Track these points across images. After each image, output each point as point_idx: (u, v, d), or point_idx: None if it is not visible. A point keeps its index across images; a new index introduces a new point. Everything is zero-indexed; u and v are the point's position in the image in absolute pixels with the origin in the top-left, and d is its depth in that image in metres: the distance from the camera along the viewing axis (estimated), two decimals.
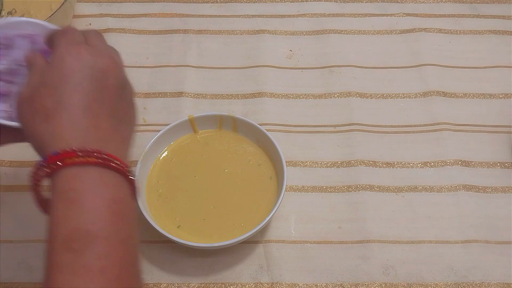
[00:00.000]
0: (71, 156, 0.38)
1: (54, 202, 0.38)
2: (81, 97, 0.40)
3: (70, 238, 0.37)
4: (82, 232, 0.37)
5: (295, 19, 0.86)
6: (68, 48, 0.41)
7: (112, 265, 0.37)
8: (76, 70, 0.40)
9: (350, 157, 0.71)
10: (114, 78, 0.42)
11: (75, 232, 0.37)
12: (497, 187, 0.69)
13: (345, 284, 0.62)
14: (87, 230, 0.37)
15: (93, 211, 0.38)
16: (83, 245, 0.36)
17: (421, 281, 0.62)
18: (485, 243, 0.65)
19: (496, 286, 0.62)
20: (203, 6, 0.87)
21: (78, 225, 0.37)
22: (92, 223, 0.37)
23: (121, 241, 0.38)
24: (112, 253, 0.37)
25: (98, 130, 0.40)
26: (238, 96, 0.77)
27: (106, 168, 0.39)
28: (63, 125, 0.39)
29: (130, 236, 0.39)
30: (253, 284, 0.62)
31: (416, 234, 0.65)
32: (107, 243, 0.37)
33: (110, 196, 0.39)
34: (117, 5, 0.87)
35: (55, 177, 0.38)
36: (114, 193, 0.39)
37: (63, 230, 0.37)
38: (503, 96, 0.77)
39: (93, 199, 0.38)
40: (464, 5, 0.87)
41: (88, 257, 0.36)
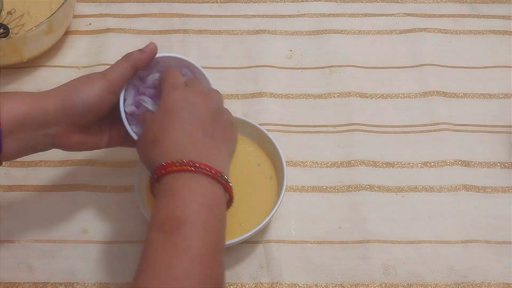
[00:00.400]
0: (171, 166, 0.49)
1: (156, 198, 0.50)
2: (180, 124, 0.51)
3: (164, 222, 0.46)
4: (173, 217, 0.46)
5: (295, 19, 0.85)
6: (169, 90, 0.54)
7: (195, 247, 0.45)
8: (175, 105, 0.52)
9: (350, 157, 0.71)
10: (206, 108, 0.53)
11: (168, 218, 0.46)
12: (497, 187, 0.69)
13: (345, 284, 0.62)
14: (177, 216, 0.46)
15: (183, 202, 0.47)
16: (173, 228, 0.45)
17: (421, 281, 0.62)
18: (485, 243, 0.65)
19: (496, 286, 0.62)
20: (203, 6, 0.87)
21: (171, 212, 0.47)
22: (181, 211, 0.46)
23: (205, 228, 0.46)
24: (196, 237, 0.45)
25: (195, 146, 0.51)
26: (238, 96, 0.77)
27: (198, 174, 0.49)
28: (167, 145, 0.51)
29: (215, 226, 0.48)
30: (253, 284, 0.62)
31: (416, 234, 0.65)
32: (192, 228, 0.46)
33: (199, 192, 0.48)
34: (117, 5, 0.87)
35: (161, 181, 0.50)
36: (203, 191, 0.49)
37: (159, 216, 0.47)
38: (503, 96, 0.77)
39: (185, 193, 0.48)
40: (464, 5, 0.87)
41: (176, 237, 0.45)
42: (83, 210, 0.67)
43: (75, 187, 0.68)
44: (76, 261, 0.63)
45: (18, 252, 0.64)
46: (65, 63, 0.80)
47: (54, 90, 0.55)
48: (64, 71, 0.79)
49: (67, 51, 0.82)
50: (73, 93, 0.54)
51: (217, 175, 0.49)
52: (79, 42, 0.83)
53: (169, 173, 0.49)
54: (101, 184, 0.69)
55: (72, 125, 0.56)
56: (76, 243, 0.64)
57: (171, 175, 0.49)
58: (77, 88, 0.55)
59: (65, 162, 0.70)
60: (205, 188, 0.49)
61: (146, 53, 0.57)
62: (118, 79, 0.56)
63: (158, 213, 0.47)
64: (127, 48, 0.80)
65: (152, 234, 0.46)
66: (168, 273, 0.43)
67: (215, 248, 0.47)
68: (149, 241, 0.46)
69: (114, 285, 0.62)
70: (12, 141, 0.52)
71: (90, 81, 0.55)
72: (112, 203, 0.67)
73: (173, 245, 0.45)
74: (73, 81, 0.56)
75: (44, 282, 0.62)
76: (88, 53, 0.81)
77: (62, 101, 0.54)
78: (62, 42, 0.82)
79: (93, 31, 0.84)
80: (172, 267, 0.43)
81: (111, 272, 0.63)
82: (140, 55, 0.57)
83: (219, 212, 0.50)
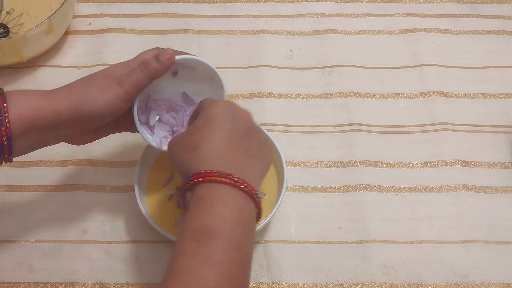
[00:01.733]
0: (210, 175, 0.48)
1: (192, 204, 0.48)
2: (221, 135, 0.51)
3: (198, 232, 0.45)
4: (208, 228, 0.45)
5: (295, 19, 0.85)
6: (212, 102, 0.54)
7: (227, 261, 0.44)
8: (218, 115, 0.52)
9: (350, 157, 0.71)
10: (246, 123, 0.53)
11: (203, 227, 0.46)
12: (497, 187, 0.69)
13: (345, 284, 0.62)
14: (213, 228, 0.45)
15: (220, 214, 0.47)
16: (208, 239, 0.45)
17: (421, 281, 0.62)
18: (485, 243, 0.65)
19: (496, 286, 0.62)
20: (203, 6, 0.87)
21: (207, 223, 0.46)
22: (218, 224, 0.46)
23: (238, 244, 0.46)
24: (229, 252, 0.45)
25: (233, 159, 0.50)
26: (238, 96, 0.77)
27: (235, 188, 0.48)
28: (206, 153, 0.50)
29: (246, 243, 0.47)
30: (253, 284, 0.62)
31: (416, 234, 0.65)
32: (226, 242, 0.45)
33: (236, 207, 0.48)
34: (117, 5, 0.87)
35: (196, 188, 0.49)
36: (240, 206, 0.48)
37: (194, 225, 0.46)
38: (503, 96, 0.77)
39: (222, 205, 0.47)
40: (464, 5, 0.87)
41: (210, 249, 0.44)
42: (83, 210, 0.67)
43: (75, 187, 0.68)
44: (76, 261, 0.63)
45: (18, 252, 0.64)
46: (65, 63, 0.80)
47: (67, 91, 0.54)
48: (64, 71, 0.79)
49: (67, 51, 0.82)
50: (87, 100, 0.53)
51: (252, 192, 0.49)
52: (79, 42, 0.83)
53: (206, 182, 0.48)
54: (101, 184, 0.69)
55: (85, 129, 0.56)
56: (76, 243, 0.64)
57: (208, 184, 0.48)
58: (91, 94, 0.53)
59: (65, 162, 0.70)
60: (240, 203, 0.48)
61: (164, 64, 0.55)
62: (135, 89, 0.55)
63: (193, 221, 0.47)
64: (127, 48, 0.81)
65: (185, 241, 0.46)
66: (198, 283, 0.43)
67: (245, 266, 0.47)
68: (181, 247, 0.45)
69: (114, 285, 0.62)
70: (23, 141, 0.52)
71: (105, 88, 0.54)
72: (112, 203, 0.67)
73: (206, 256, 0.44)
74: (87, 83, 0.55)
75: (44, 282, 0.62)
76: (88, 53, 0.81)
77: (76, 107, 0.53)
78: (62, 42, 0.82)
79: (93, 31, 0.84)
80: (203, 278, 0.43)
81: (111, 272, 0.63)
82: (158, 65, 0.55)
83: (251, 229, 0.49)
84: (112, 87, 0.54)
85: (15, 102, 0.51)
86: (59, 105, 0.52)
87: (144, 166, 0.65)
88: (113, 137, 0.62)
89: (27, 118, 0.51)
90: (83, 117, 0.53)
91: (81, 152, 0.70)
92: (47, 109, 0.52)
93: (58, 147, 0.59)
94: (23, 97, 0.52)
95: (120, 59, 0.59)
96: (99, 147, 0.70)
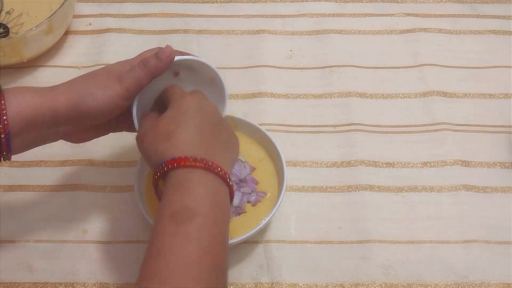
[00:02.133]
0: (185, 161, 0.49)
1: (167, 189, 0.49)
2: (194, 124, 0.52)
3: (177, 213, 0.47)
4: (186, 209, 0.47)
5: (295, 19, 0.85)
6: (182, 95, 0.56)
7: (205, 237, 0.46)
8: (190, 107, 0.54)
9: (350, 157, 0.71)
10: (215, 115, 0.56)
11: (182, 208, 0.47)
12: (497, 187, 0.69)
13: (345, 284, 0.62)
14: (191, 207, 0.47)
15: (198, 195, 0.48)
16: (186, 218, 0.46)
17: (421, 281, 0.62)
18: (485, 243, 0.65)
19: (496, 286, 0.62)
20: (203, 6, 0.87)
21: (185, 204, 0.48)
22: (195, 203, 0.48)
23: (215, 222, 0.48)
24: (207, 228, 0.47)
25: (206, 146, 0.52)
26: (238, 96, 0.77)
27: (210, 172, 0.50)
28: (181, 139, 0.51)
29: (223, 220, 0.49)
30: (253, 284, 0.62)
31: (416, 234, 0.65)
32: (204, 220, 0.47)
33: (211, 189, 0.50)
34: (117, 5, 0.87)
35: (170, 174, 0.50)
36: (215, 189, 0.50)
37: (173, 207, 0.48)
38: (503, 96, 0.77)
39: (198, 188, 0.49)
40: (464, 5, 0.87)
41: (189, 227, 0.46)
42: (83, 210, 0.67)
43: (75, 187, 0.68)
44: (76, 261, 0.63)
45: (18, 252, 0.64)
46: (65, 63, 0.80)
47: (66, 88, 0.53)
48: (64, 71, 0.79)
49: (67, 51, 0.82)
50: (86, 96, 0.53)
51: (226, 176, 0.51)
52: (79, 42, 0.83)
53: (181, 168, 0.49)
54: (101, 184, 0.69)
55: (84, 126, 0.56)
56: (76, 243, 0.64)
57: (184, 169, 0.49)
58: (90, 91, 0.53)
59: (65, 162, 0.70)
60: (215, 186, 0.50)
61: (163, 61, 0.55)
62: (134, 87, 0.54)
63: (170, 203, 0.48)
64: (127, 48, 0.81)
65: (164, 223, 0.47)
66: (180, 260, 0.44)
67: (223, 243, 0.49)
68: (160, 229, 0.47)
69: (114, 285, 0.62)
70: (21, 139, 0.52)
71: (105, 86, 0.53)
72: (112, 203, 0.67)
73: (185, 235, 0.46)
74: (86, 80, 0.54)
75: (44, 282, 0.62)
76: (88, 53, 0.81)
77: (74, 103, 0.52)
78: (62, 42, 0.82)
79: (93, 31, 0.84)
80: (185, 255, 0.45)
81: (111, 272, 0.63)
82: (158, 63, 0.55)
83: (227, 209, 0.51)
84: (111, 84, 0.54)
85: (13, 99, 0.50)
86: (57, 102, 0.52)
87: (144, 166, 0.65)
88: (113, 137, 0.62)
89: (25, 115, 0.51)
90: (81, 114, 0.53)
91: (81, 152, 0.70)
92: (46, 106, 0.52)
93: (58, 147, 0.59)
94: (21, 94, 0.52)
95: (120, 59, 0.59)
96: (99, 147, 0.70)
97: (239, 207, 0.63)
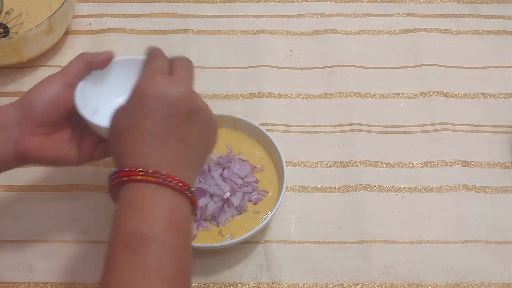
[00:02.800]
0: (135, 175, 0.44)
1: (119, 206, 0.45)
2: (152, 123, 0.45)
3: (129, 239, 0.42)
4: (140, 234, 0.42)
5: (295, 19, 0.85)
6: (147, 77, 0.47)
7: (166, 266, 0.42)
8: (150, 98, 0.45)
9: (350, 157, 0.71)
10: (185, 105, 0.46)
11: (134, 234, 0.42)
12: (497, 187, 0.69)
13: (345, 284, 0.62)
14: (144, 233, 0.42)
15: (150, 217, 0.43)
16: (140, 247, 0.41)
17: (421, 281, 0.62)
18: (485, 243, 0.65)
19: (496, 286, 0.62)
20: (203, 6, 0.87)
21: (138, 228, 0.42)
22: (149, 228, 0.42)
23: (173, 247, 0.43)
24: (165, 256, 0.42)
25: (163, 152, 0.45)
26: (238, 96, 0.77)
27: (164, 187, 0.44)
28: (132, 146, 0.45)
29: (183, 244, 0.44)
30: (253, 284, 0.62)
31: (416, 234, 0.65)
32: (161, 246, 0.42)
33: (167, 207, 0.44)
34: (117, 5, 0.87)
35: (122, 187, 0.45)
36: (171, 206, 0.44)
37: (123, 232, 0.43)
38: (503, 96, 0.77)
39: (151, 207, 0.43)
40: (464, 5, 0.87)
41: (144, 257, 0.41)
42: (83, 210, 0.67)
43: (75, 187, 0.68)
44: (76, 261, 0.63)
45: (18, 252, 0.64)
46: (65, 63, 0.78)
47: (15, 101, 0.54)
48: None
49: (67, 51, 0.82)
50: (31, 91, 0.54)
51: (183, 189, 0.45)
52: (79, 42, 0.83)
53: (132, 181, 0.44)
54: (101, 184, 0.69)
55: (33, 125, 0.53)
56: (76, 243, 0.64)
57: (135, 184, 0.44)
58: (35, 87, 0.55)
59: None
60: (172, 203, 0.45)
61: (101, 55, 0.56)
62: (74, 73, 0.55)
63: (122, 227, 0.43)
64: (127, 48, 0.81)
65: (117, 250, 0.42)
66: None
67: (184, 266, 0.44)
68: (112, 259, 0.42)
69: None
70: None
71: (47, 78, 0.55)
72: (112, 203, 0.67)
73: (141, 266, 0.41)
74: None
75: (44, 282, 0.62)
76: None
77: (20, 101, 0.54)
78: (62, 42, 0.82)
79: (93, 31, 0.84)
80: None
81: None
82: (95, 55, 0.56)
83: (187, 226, 0.46)
84: (53, 75, 0.56)
85: None
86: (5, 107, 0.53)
87: None
88: None
89: None
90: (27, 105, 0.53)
91: None
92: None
93: None
94: None
95: None
96: None
97: (241, 206, 0.63)
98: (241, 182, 0.64)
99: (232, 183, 0.63)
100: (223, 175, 0.64)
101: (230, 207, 0.62)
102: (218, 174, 0.64)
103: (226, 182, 0.63)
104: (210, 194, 0.62)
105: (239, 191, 0.63)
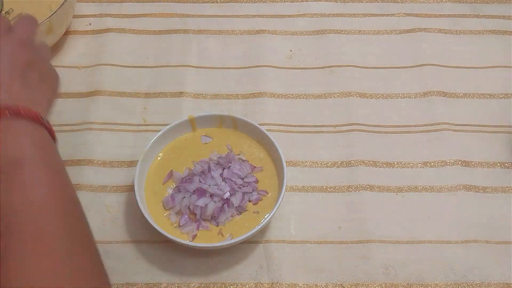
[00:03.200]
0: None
1: None
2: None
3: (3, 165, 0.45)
4: (10, 158, 0.45)
5: (295, 19, 0.86)
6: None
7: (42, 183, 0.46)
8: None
9: (350, 157, 0.71)
10: (23, 57, 0.52)
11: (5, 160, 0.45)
12: (497, 187, 0.69)
13: (345, 284, 0.62)
14: (14, 156, 0.46)
15: (15, 143, 0.46)
16: (13, 168, 0.45)
17: (421, 281, 0.62)
18: (485, 243, 0.65)
19: (496, 286, 0.62)
20: (203, 6, 0.87)
21: (5, 153, 0.45)
22: (17, 150, 0.46)
23: (47, 164, 0.47)
24: (40, 173, 0.46)
25: (8, 93, 0.49)
26: (238, 96, 0.77)
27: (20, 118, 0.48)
28: None
29: (55, 162, 0.49)
30: (253, 284, 0.62)
31: (416, 234, 0.65)
32: (33, 164, 0.46)
33: (26, 132, 0.48)
34: (117, 5, 0.87)
35: None
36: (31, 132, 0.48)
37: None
38: (503, 96, 0.77)
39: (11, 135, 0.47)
40: (464, 5, 0.87)
41: (21, 174, 0.45)
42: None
43: (75, 187, 0.68)
44: None
45: None
46: (65, 63, 0.80)
47: None
48: (64, 71, 0.79)
49: (67, 51, 0.82)
50: None
51: (39, 117, 0.49)
52: (79, 42, 0.83)
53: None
54: (101, 184, 0.69)
55: None
56: None
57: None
58: None
59: (65, 162, 0.70)
60: (30, 130, 0.48)
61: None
62: None
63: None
64: (127, 48, 0.81)
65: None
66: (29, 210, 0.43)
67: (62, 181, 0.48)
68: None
69: (114, 285, 0.62)
70: None
71: None
72: (112, 203, 0.67)
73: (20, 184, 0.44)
74: None
75: None
76: (88, 53, 0.81)
77: None
78: (62, 42, 0.82)
79: (93, 31, 0.84)
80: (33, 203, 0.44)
81: (111, 272, 0.62)
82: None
83: (55, 152, 0.50)
84: None
85: None
86: None
87: (144, 166, 0.65)
88: (113, 137, 0.62)
89: None
90: None
91: (81, 152, 0.70)
92: None
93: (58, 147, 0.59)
94: None
95: (120, 59, 0.59)
96: (99, 147, 0.70)
97: (241, 207, 0.63)
98: (241, 182, 0.64)
99: (232, 183, 0.63)
100: (223, 175, 0.64)
101: (230, 207, 0.62)
102: (218, 174, 0.64)
103: (226, 182, 0.63)
104: (210, 194, 0.62)
105: (239, 191, 0.63)
